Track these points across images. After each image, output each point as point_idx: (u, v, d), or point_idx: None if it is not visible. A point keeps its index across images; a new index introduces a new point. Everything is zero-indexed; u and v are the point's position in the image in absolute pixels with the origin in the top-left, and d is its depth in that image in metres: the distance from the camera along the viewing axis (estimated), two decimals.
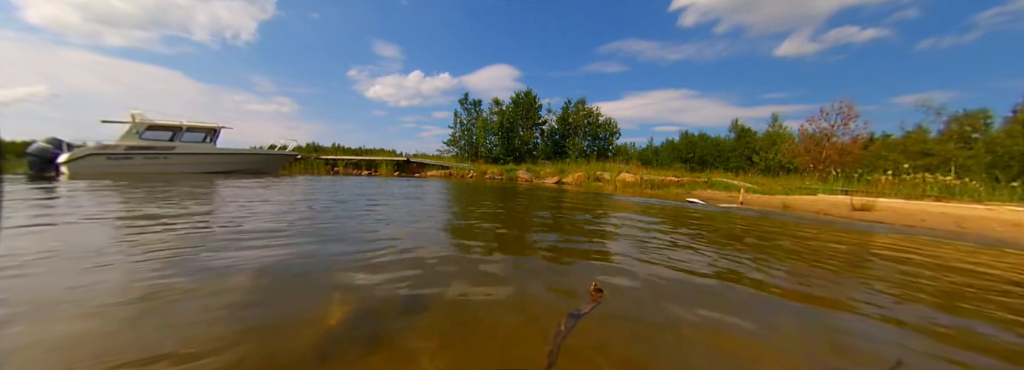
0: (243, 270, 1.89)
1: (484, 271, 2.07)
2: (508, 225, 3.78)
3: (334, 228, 3.19)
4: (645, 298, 1.73)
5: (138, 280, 1.69)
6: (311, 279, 1.82)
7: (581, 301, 1.63)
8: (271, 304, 1.49)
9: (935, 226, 5.34)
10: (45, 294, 1.50)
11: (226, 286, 1.66)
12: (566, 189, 11.76)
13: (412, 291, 1.69)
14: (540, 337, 1.28)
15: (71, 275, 1.73)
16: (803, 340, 1.38)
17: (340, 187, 8.22)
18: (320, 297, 1.58)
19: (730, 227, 4.41)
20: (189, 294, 1.54)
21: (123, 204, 4.27)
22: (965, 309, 1.80)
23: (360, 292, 1.66)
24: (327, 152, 21.39)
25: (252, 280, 1.76)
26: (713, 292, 1.89)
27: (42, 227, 2.81)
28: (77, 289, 1.56)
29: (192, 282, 1.69)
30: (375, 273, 1.93)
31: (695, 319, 1.50)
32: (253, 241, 2.55)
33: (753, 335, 1.38)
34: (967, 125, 17.58)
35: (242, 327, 1.27)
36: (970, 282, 2.33)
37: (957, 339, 1.44)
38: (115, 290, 1.57)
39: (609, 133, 23.94)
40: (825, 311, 1.70)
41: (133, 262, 1.97)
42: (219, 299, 1.49)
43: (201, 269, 1.88)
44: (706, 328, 1.42)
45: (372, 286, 1.74)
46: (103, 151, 11.05)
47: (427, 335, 1.26)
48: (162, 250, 2.22)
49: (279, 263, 2.05)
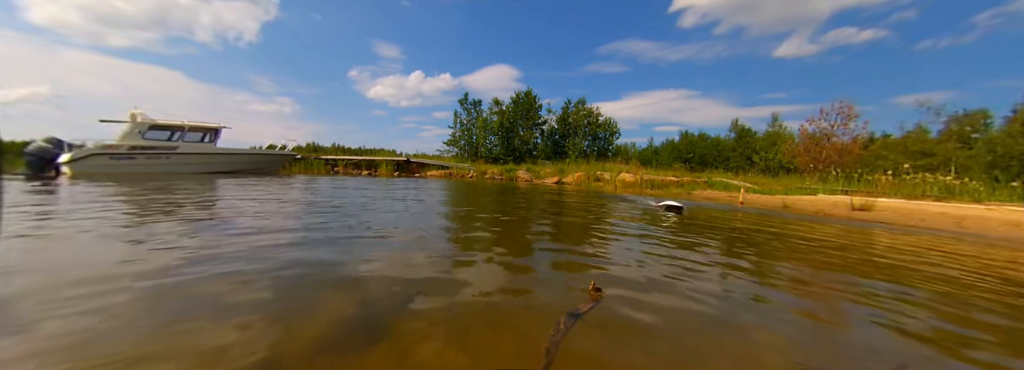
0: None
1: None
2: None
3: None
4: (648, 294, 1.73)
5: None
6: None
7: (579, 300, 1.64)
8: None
9: (935, 226, 5.34)
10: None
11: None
12: (566, 189, 11.76)
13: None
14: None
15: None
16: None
17: (337, 194, 8.15)
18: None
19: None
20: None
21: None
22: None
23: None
24: (327, 152, 21.37)
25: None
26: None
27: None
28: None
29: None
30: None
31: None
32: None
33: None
34: (967, 125, 17.56)
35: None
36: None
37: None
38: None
39: (609, 133, 23.94)
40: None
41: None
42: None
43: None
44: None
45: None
46: (106, 151, 11.03)
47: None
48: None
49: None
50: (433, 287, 1.75)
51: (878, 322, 1.57)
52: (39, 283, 1.62)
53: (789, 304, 1.76)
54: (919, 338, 1.43)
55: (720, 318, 1.52)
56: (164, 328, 1.24)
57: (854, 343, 1.37)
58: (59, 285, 1.58)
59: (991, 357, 1.30)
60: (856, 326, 1.54)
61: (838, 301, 1.86)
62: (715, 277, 2.15)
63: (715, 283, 2.03)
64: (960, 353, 1.32)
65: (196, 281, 1.70)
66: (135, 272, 1.78)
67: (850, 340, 1.40)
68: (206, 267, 1.90)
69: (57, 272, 1.76)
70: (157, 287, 1.61)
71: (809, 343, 1.35)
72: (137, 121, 11.70)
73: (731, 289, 1.94)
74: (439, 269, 2.06)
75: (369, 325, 1.33)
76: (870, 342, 1.38)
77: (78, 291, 1.51)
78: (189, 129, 12.55)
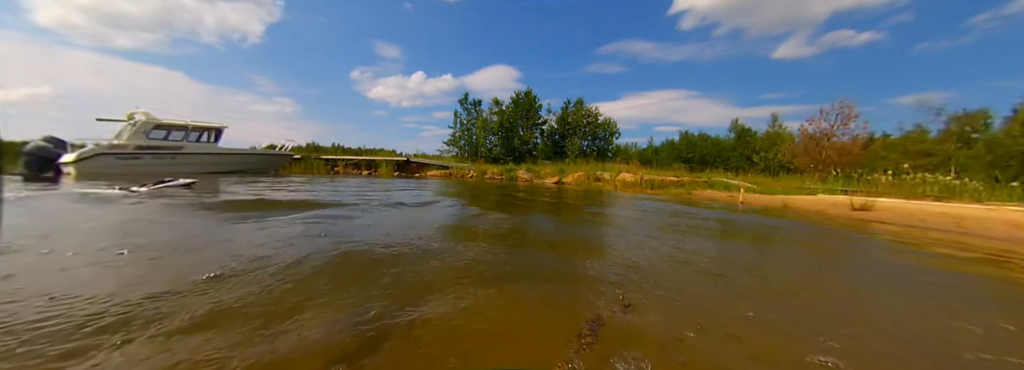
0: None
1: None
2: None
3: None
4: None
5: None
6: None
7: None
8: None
9: (935, 226, 5.35)
10: None
11: None
12: (565, 189, 11.77)
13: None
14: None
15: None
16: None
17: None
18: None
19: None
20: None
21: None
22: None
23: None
24: (327, 152, 21.35)
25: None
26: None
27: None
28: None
29: None
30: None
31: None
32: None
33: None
34: (967, 125, 17.59)
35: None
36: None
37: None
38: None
39: (608, 133, 23.92)
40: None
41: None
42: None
43: None
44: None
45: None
46: (112, 151, 10.98)
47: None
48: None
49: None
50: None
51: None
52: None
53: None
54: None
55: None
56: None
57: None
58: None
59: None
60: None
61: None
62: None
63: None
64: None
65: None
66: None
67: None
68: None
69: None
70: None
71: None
72: (135, 120, 11.67)
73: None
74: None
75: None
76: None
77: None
78: (193, 129, 12.54)
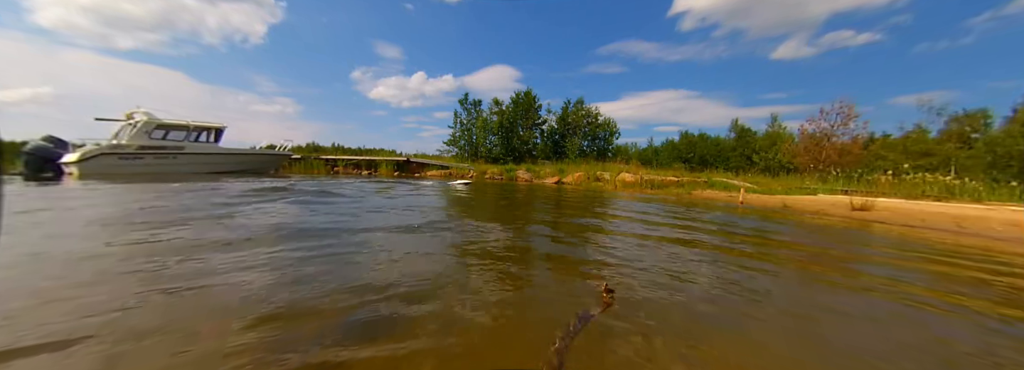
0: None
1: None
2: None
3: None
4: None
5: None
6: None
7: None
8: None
9: (935, 225, 5.36)
10: None
11: None
12: (565, 188, 11.77)
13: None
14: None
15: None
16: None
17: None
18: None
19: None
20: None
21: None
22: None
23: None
24: (327, 152, 21.35)
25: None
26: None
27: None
28: None
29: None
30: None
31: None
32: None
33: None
34: (967, 125, 17.60)
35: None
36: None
37: None
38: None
39: (608, 133, 23.91)
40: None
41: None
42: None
43: None
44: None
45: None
46: (115, 150, 10.96)
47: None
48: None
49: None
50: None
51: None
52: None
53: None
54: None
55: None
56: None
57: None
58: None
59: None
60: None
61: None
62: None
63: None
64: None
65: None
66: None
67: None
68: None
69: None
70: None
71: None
72: (134, 120, 11.65)
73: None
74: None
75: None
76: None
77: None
78: (194, 129, 12.52)
